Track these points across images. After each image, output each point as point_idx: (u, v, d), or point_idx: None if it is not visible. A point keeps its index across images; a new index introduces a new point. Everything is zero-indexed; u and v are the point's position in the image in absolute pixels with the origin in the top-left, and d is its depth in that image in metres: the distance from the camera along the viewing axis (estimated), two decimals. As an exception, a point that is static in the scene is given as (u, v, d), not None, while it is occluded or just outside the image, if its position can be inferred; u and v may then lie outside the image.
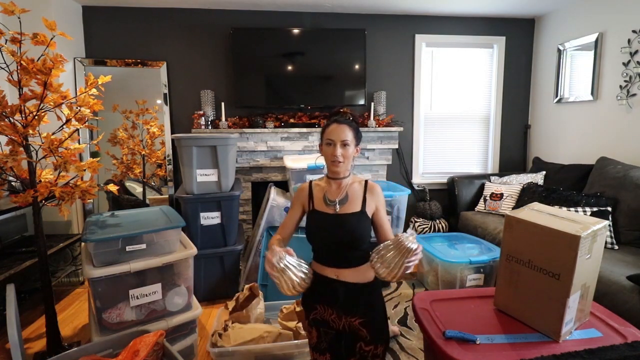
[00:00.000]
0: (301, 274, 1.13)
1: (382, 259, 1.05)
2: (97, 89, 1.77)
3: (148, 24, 3.25)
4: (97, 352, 1.27)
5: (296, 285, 1.12)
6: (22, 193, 1.66)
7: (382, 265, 1.05)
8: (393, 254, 1.03)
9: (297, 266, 1.13)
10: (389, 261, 1.03)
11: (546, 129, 3.63)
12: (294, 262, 1.13)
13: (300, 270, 1.14)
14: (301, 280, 1.13)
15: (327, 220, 1.25)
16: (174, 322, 1.72)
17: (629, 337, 1.06)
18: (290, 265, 1.11)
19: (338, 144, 1.23)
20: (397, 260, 1.02)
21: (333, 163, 1.25)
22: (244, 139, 3.23)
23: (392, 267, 1.03)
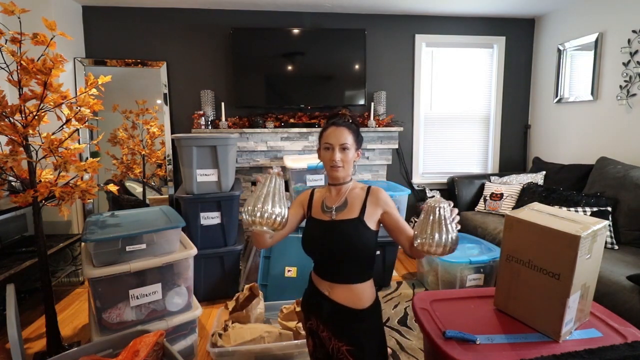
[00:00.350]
0: (283, 208, 0.99)
1: (427, 234, 0.93)
2: (97, 89, 1.77)
3: (148, 24, 3.25)
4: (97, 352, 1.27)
5: (272, 212, 0.97)
6: (22, 193, 1.66)
7: (432, 242, 0.92)
8: (433, 224, 0.93)
9: (282, 199, 1.00)
10: (435, 232, 0.92)
11: (546, 129, 3.63)
12: (283, 192, 1.02)
13: (284, 204, 1.00)
14: (279, 211, 0.98)
15: (321, 228, 1.17)
16: (174, 322, 1.72)
17: (629, 337, 1.06)
18: (280, 190, 1.01)
19: (337, 147, 1.15)
20: (442, 226, 0.92)
21: (332, 168, 1.17)
22: (244, 139, 3.23)
23: (442, 235, 0.92)
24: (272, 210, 0.97)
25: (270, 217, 0.96)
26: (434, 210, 0.94)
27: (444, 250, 0.93)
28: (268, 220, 0.96)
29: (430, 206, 0.94)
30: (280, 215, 0.98)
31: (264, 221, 0.96)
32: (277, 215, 0.98)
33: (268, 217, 0.96)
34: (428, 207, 0.95)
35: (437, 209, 0.93)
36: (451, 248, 0.93)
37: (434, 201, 0.95)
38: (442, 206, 0.94)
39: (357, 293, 1.13)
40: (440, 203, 0.94)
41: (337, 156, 1.15)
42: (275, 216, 0.97)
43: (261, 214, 0.95)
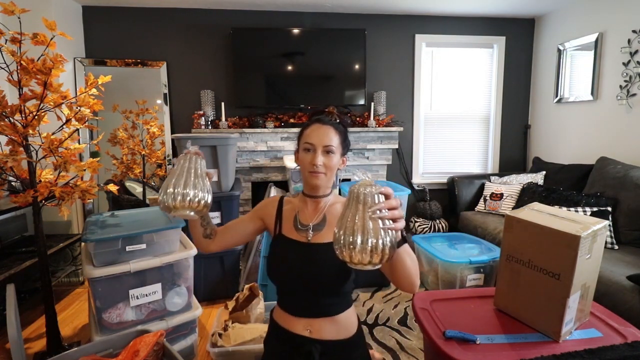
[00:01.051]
0: (206, 193, 0.88)
1: (344, 235, 0.65)
2: (97, 89, 1.77)
3: (148, 24, 3.25)
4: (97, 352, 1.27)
5: (195, 195, 0.85)
6: (22, 193, 1.66)
7: (351, 245, 0.64)
8: (353, 217, 0.66)
9: (204, 181, 0.89)
10: (357, 232, 0.64)
11: (546, 129, 3.63)
12: (204, 174, 0.90)
13: (207, 189, 0.89)
14: (201, 195, 0.86)
15: (295, 251, 0.97)
16: (174, 322, 1.72)
17: (629, 337, 1.06)
18: (201, 170, 0.89)
19: (319, 149, 0.96)
20: (365, 222, 0.64)
21: (312, 174, 0.96)
22: (244, 139, 3.23)
23: (365, 236, 0.64)
24: (195, 193, 0.85)
25: (193, 199, 0.85)
26: (357, 197, 0.67)
27: (370, 258, 0.64)
28: (191, 204, 0.85)
29: (353, 192, 0.68)
30: (204, 199, 0.87)
31: (185, 204, 0.84)
32: (200, 199, 0.86)
33: (191, 200, 0.84)
34: (350, 191, 0.68)
35: (360, 195, 0.66)
36: (382, 256, 0.64)
37: (359, 185, 0.68)
38: (368, 191, 0.66)
39: (342, 323, 0.98)
40: (367, 187, 0.67)
41: (319, 159, 0.95)
42: (198, 199, 0.85)
43: (182, 197, 0.84)
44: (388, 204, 0.66)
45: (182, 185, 0.84)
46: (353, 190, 0.68)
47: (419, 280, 0.81)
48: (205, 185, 0.88)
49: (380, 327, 2.17)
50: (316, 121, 1.01)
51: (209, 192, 0.89)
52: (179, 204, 0.84)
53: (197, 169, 0.88)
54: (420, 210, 3.49)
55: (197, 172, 0.88)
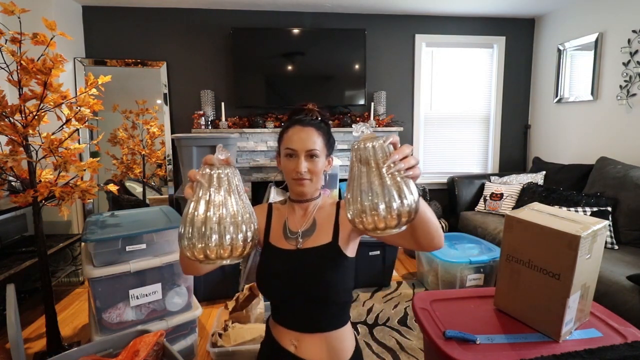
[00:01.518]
0: (253, 222, 0.63)
1: (360, 199, 0.55)
2: (97, 89, 1.77)
3: (148, 24, 3.25)
4: (97, 352, 1.27)
5: (244, 235, 0.61)
6: (22, 193, 1.66)
7: (373, 210, 0.54)
8: (368, 176, 0.56)
9: (246, 204, 0.64)
10: (375, 191, 0.54)
11: (546, 129, 3.63)
12: (244, 193, 0.65)
13: (251, 214, 0.64)
14: (252, 230, 0.62)
15: (284, 260, 0.89)
16: (174, 322, 1.72)
17: (629, 337, 1.06)
18: (240, 190, 0.64)
19: (302, 155, 0.87)
20: (384, 179, 0.55)
21: (296, 182, 0.89)
22: (244, 139, 3.23)
23: (386, 195, 0.54)
24: (242, 231, 0.61)
25: (239, 241, 0.60)
26: (364, 153, 0.56)
27: (398, 219, 0.54)
28: (235, 249, 0.60)
29: (359, 147, 0.57)
30: (252, 237, 0.62)
31: (228, 251, 0.60)
32: (250, 239, 0.62)
33: (236, 243, 0.60)
34: (355, 150, 0.58)
35: (369, 151, 0.56)
36: (409, 214, 0.55)
37: (363, 140, 0.58)
38: (377, 145, 0.56)
39: (335, 344, 0.88)
40: (372, 141, 0.57)
41: (303, 166, 0.87)
42: (248, 240, 0.62)
43: (227, 241, 0.59)
44: (401, 152, 0.56)
45: (219, 221, 0.59)
46: (359, 148, 0.57)
47: (442, 233, 0.74)
48: (249, 210, 0.64)
49: (380, 327, 2.17)
50: (296, 123, 0.92)
51: (255, 219, 0.64)
52: (217, 253, 0.59)
53: (235, 190, 0.63)
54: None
55: (238, 194, 0.63)
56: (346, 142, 3.35)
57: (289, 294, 0.87)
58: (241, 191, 0.64)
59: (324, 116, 0.97)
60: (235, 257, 0.61)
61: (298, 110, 0.97)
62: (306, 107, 0.97)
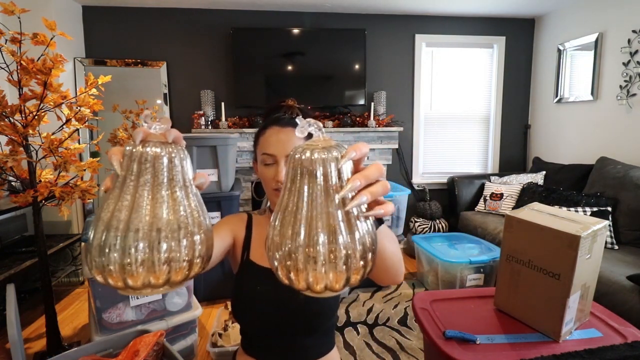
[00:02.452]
0: (203, 227, 0.41)
1: (293, 242, 0.37)
2: (97, 89, 1.77)
3: (148, 24, 3.25)
4: (97, 352, 1.27)
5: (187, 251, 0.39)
6: (22, 193, 1.66)
7: (305, 259, 0.36)
8: (310, 206, 0.37)
9: (199, 205, 0.42)
10: (315, 233, 0.36)
11: (546, 129, 3.63)
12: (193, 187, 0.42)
13: (205, 217, 0.42)
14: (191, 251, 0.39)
15: (268, 282, 0.74)
16: (174, 322, 1.72)
17: (629, 337, 1.06)
18: (187, 181, 0.41)
19: (282, 161, 0.74)
20: (330, 217, 0.36)
21: (277, 193, 0.75)
22: (244, 139, 3.23)
23: (333, 243, 0.36)
24: (186, 245, 0.39)
25: (181, 261, 0.39)
26: (308, 167, 0.38)
27: (345, 281, 0.37)
28: (175, 272, 0.39)
29: (300, 160, 0.38)
30: (201, 254, 0.40)
31: (163, 275, 0.38)
32: (198, 257, 0.40)
33: (176, 264, 0.38)
34: (293, 161, 0.39)
35: (315, 164, 0.37)
36: (362, 272, 0.38)
37: (308, 148, 0.39)
38: (329, 157, 0.38)
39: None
40: (325, 152, 0.38)
41: (284, 174, 0.63)
42: (195, 259, 0.40)
43: (161, 259, 0.37)
44: (366, 176, 0.37)
45: (147, 232, 0.37)
46: (301, 160, 0.38)
47: (403, 267, 0.62)
48: (200, 215, 0.41)
49: (380, 327, 2.17)
50: (273, 123, 0.78)
51: (206, 227, 0.41)
52: (144, 280, 0.37)
53: (181, 183, 0.40)
54: (420, 210, 3.49)
55: (185, 189, 0.40)
56: (345, 142, 3.34)
57: (273, 323, 0.74)
58: (189, 185, 0.41)
59: (306, 113, 0.84)
60: (174, 284, 0.39)
61: (275, 108, 0.84)
62: (284, 103, 0.84)
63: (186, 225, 0.40)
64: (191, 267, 0.40)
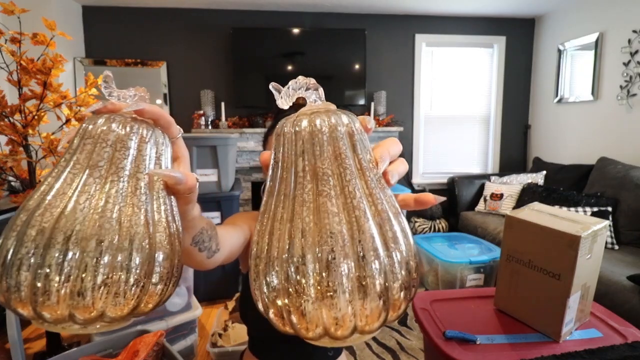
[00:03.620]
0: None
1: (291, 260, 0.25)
2: (97, 89, 1.77)
3: (148, 24, 3.25)
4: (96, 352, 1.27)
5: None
6: (22, 193, 1.66)
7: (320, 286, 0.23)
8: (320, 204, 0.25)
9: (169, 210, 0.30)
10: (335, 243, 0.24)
11: (546, 129, 3.63)
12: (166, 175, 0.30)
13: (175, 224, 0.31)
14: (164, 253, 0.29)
15: None
16: (174, 322, 1.72)
17: (629, 337, 1.06)
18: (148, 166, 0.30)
19: None
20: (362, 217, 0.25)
21: None
22: (244, 139, 3.23)
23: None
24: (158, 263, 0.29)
25: (151, 284, 0.29)
26: (308, 142, 0.29)
27: (383, 317, 0.25)
28: (147, 297, 0.30)
29: (294, 133, 0.30)
30: (171, 275, 0.30)
31: (129, 304, 0.28)
32: (167, 278, 0.30)
33: (146, 287, 0.28)
34: (282, 137, 0.31)
35: (319, 137, 0.29)
36: (405, 302, 0.26)
37: (306, 115, 0.32)
38: (340, 122, 0.30)
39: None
40: (329, 115, 0.31)
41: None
42: (165, 282, 0.30)
43: (123, 283, 0.27)
44: (388, 151, 0.30)
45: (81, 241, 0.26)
46: (295, 133, 0.30)
47: None
48: (170, 220, 0.31)
49: (380, 327, 2.17)
50: None
51: (176, 244, 0.31)
52: (97, 309, 0.27)
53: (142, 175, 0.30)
54: (420, 210, 3.48)
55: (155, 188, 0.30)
56: (346, 142, 3.34)
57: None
58: (157, 186, 0.31)
59: None
60: (137, 314, 0.31)
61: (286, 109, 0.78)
62: (295, 103, 0.79)
63: (166, 238, 0.29)
64: (141, 296, 0.28)
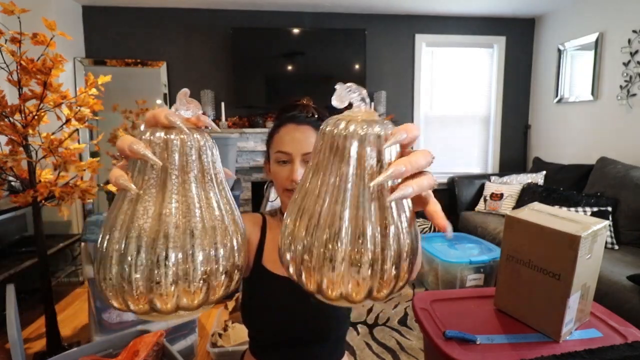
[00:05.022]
0: (239, 236, 0.35)
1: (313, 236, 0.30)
2: (97, 89, 1.77)
3: (148, 24, 3.25)
4: (97, 352, 1.26)
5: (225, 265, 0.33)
6: (22, 193, 1.66)
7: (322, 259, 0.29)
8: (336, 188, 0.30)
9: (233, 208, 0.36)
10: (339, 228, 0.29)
11: (546, 129, 3.63)
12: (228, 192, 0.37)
13: (239, 224, 0.35)
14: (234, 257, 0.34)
15: (282, 289, 0.72)
16: (174, 322, 1.72)
17: (629, 337, 1.06)
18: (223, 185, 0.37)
19: (298, 159, 0.70)
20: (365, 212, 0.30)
21: (290, 193, 0.70)
22: (244, 139, 3.23)
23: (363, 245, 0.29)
24: (226, 256, 0.33)
25: (219, 274, 0.33)
26: (341, 149, 0.31)
27: (392, 286, 0.31)
28: (212, 288, 0.32)
29: (333, 137, 0.32)
30: (241, 264, 0.36)
31: (200, 293, 0.32)
32: (239, 267, 0.36)
33: (214, 277, 0.32)
34: (326, 137, 0.32)
35: (349, 147, 0.31)
36: (397, 280, 0.31)
37: (347, 120, 0.33)
38: (369, 135, 0.31)
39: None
40: (364, 126, 0.31)
41: (299, 173, 0.69)
42: (236, 271, 0.35)
43: (198, 274, 0.31)
44: (411, 162, 0.32)
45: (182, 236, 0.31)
46: (329, 134, 0.32)
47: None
48: (235, 215, 0.36)
49: (381, 327, 2.17)
50: (289, 121, 0.74)
51: (242, 228, 0.36)
52: (176, 299, 0.31)
53: (213, 179, 0.35)
54: (420, 211, 3.49)
55: (217, 186, 0.36)
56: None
57: (281, 330, 0.73)
58: (222, 180, 0.37)
59: (320, 112, 0.80)
60: (207, 304, 0.33)
61: (290, 107, 0.79)
62: (300, 102, 0.80)
63: (224, 228, 0.33)
64: (230, 281, 0.34)
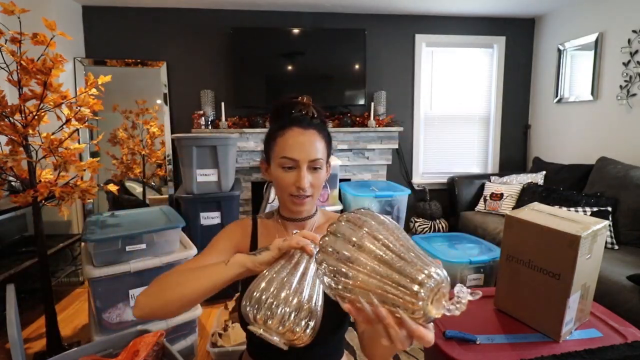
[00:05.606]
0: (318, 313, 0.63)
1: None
2: (97, 89, 1.77)
3: (148, 24, 3.25)
4: (97, 352, 1.26)
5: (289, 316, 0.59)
6: (22, 193, 1.66)
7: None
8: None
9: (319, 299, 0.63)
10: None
11: (546, 129, 3.63)
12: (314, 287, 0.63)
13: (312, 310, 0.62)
14: (298, 321, 0.60)
15: None
16: (174, 322, 1.72)
17: (629, 337, 1.06)
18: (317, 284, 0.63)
19: (304, 166, 0.71)
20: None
21: (295, 199, 0.73)
22: (244, 139, 3.23)
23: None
24: (315, 321, 0.62)
25: (308, 332, 0.61)
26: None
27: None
28: (300, 338, 0.60)
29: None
30: (314, 327, 0.62)
31: (306, 337, 0.61)
32: (312, 327, 0.62)
33: (304, 332, 0.61)
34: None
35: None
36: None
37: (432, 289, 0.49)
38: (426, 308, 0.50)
39: None
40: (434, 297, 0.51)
41: (306, 180, 0.70)
42: (313, 334, 0.62)
43: (301, 326, 0.59)
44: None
45: (295, 296, 0.60)
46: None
47: None
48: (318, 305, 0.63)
49: (380, 327, 2.17)
50: (294, 124, 0.73)
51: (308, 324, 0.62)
52: (277, 323, 0.58)
53: (316, 284, 0.64)
54: (420, 210, 3.49)
55: (315, 281, 0.63)
56: (345, 142, 3.34)
57: None
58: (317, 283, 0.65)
59: (321, 113, 0.79)
60: (290, 343, 0.61)
61: (290, 105, 0.77)
62: (299, 100, 0.78)
63: (313, 309, 0.63)
64: (309, 339, 0.62)
